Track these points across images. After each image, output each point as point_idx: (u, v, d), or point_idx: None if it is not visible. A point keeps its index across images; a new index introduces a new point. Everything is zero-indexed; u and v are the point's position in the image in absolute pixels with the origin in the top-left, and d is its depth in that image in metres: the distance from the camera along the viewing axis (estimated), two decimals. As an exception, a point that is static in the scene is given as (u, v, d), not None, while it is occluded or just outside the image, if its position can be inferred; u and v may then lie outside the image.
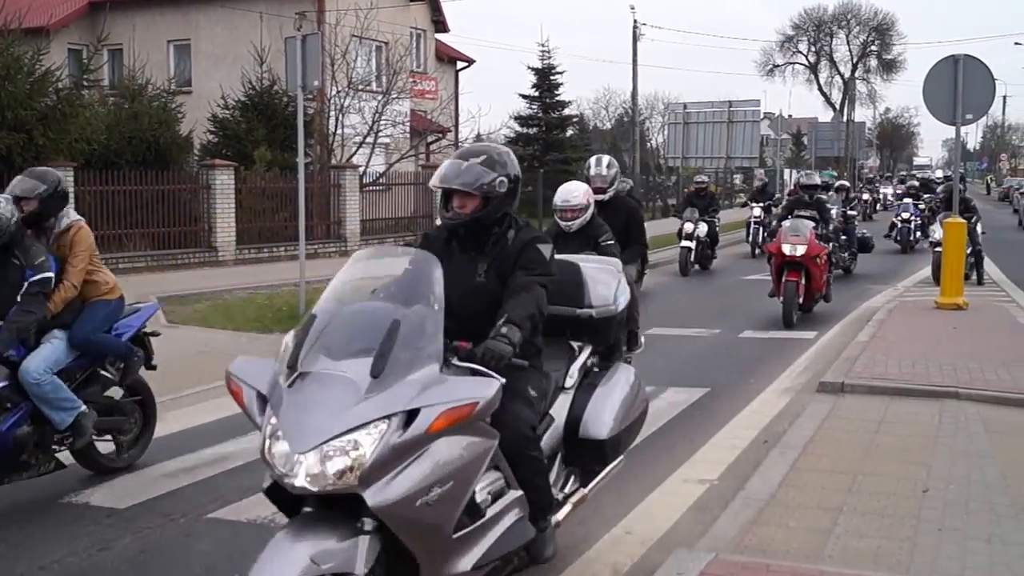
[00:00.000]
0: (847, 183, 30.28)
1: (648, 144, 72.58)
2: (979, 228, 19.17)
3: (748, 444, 8.08)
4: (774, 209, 25.00)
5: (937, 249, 18.57)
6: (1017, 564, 5.28)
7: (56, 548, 5.89)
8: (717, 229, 23.25)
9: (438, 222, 5.26)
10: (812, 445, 7.64)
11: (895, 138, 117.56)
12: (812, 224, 14.96)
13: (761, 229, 25.42)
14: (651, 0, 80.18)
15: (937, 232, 18.85)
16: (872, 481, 6.67)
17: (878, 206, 43.64)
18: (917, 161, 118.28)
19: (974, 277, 18.62)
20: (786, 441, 7.79)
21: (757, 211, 26.16)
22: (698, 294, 18.69)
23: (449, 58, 40.78)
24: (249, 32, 29.22)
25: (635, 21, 51.97)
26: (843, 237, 20.41)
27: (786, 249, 14.29)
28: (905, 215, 27.59)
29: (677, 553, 5.36)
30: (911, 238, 27.31)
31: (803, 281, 14.32)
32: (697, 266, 21.98)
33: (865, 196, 41.76)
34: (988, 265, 22.07)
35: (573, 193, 8.24)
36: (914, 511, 6.07)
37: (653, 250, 25.81)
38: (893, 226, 27.83)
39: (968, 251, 17.58)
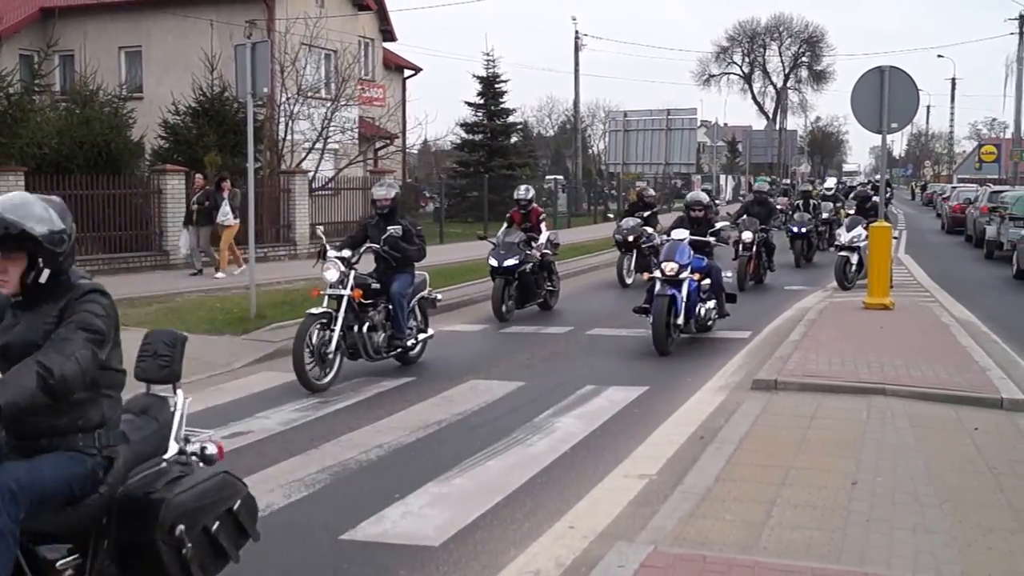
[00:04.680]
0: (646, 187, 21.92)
1: (590, 151, 73.42)
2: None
3: (685, 440, 8.18)
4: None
5: (842, 253, 18.70)
6: (941, 552, 5.45)
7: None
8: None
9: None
10: (747, 441, 7.80)
11: (825, 145, 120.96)
12: None
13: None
14: (592, 11, 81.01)
15: (843, 236, 19.04)
16: (804, 475, 6.84)
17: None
18: (846, 167, 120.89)
19: None
20: (722, 437, 7.94)
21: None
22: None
23: (396, 66, 41.01)
24: (200, 39, 29.12)
25: (577, 32, 52.74)
26: None
27: None
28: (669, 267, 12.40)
29: (618, 546, 5.49)
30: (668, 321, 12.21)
31: None
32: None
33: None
34: (914, 268, 22.65)
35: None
36: (844, 503, 6.24)
37: (594, 253, 25.60)
38: (652, 287, 12.53)
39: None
